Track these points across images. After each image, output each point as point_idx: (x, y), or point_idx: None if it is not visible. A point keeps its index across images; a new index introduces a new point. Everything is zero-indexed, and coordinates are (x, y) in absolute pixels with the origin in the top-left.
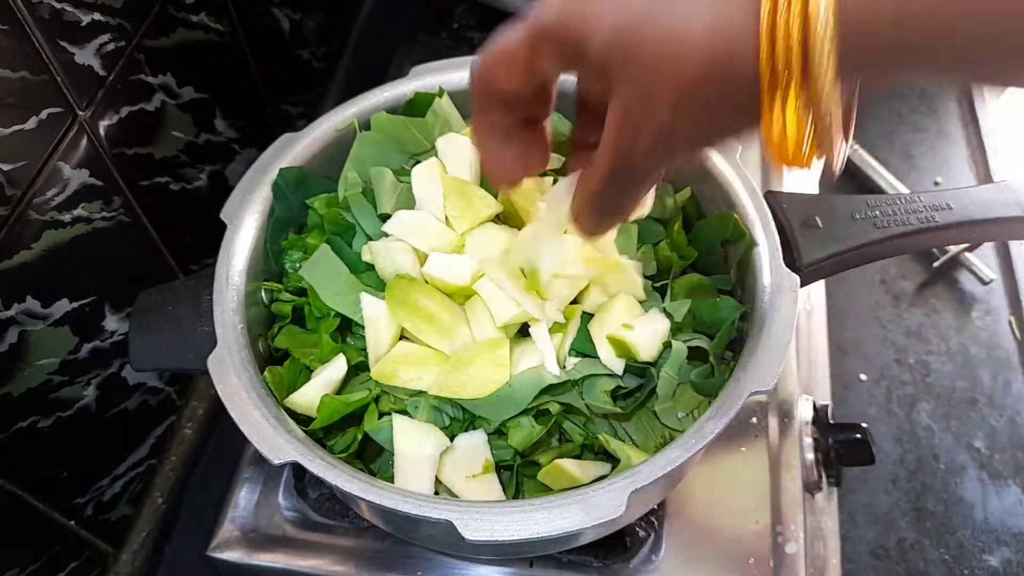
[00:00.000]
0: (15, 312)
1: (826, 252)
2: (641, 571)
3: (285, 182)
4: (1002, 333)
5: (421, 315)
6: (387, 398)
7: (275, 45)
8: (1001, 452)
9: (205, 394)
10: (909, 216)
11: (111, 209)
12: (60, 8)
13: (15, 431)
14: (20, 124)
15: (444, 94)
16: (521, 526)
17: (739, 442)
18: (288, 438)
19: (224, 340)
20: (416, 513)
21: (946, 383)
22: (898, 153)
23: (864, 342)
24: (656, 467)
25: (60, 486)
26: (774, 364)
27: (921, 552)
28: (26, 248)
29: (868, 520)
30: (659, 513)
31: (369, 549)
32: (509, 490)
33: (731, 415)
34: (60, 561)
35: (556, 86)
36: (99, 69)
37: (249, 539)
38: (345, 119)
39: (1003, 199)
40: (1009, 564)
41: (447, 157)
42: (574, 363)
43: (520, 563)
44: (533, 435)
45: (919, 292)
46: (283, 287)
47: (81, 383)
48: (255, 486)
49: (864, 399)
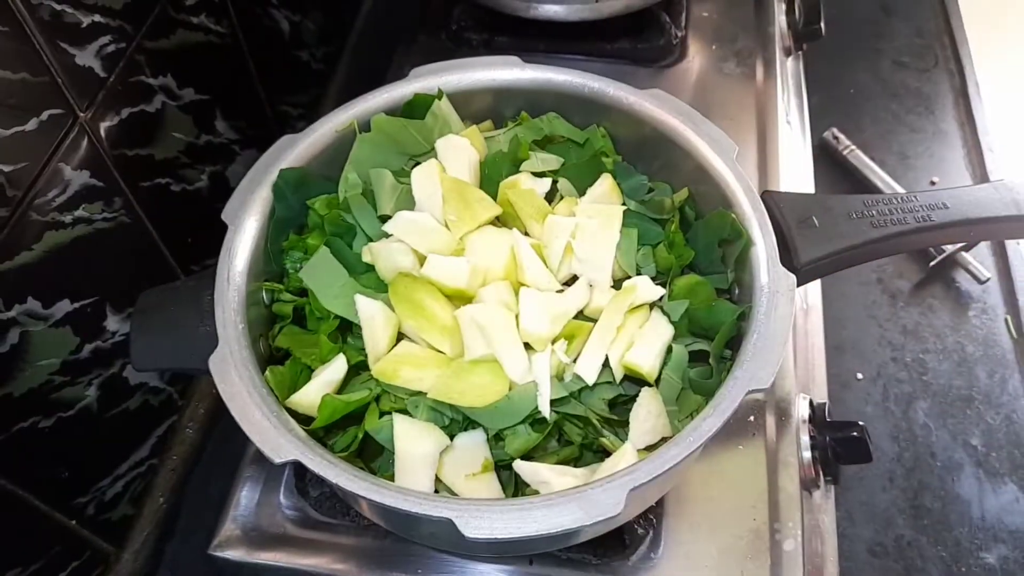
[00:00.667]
0: (16, 313)
1: (823, 251)
2: (640, 568)
3: (285, 183)
4: (998, 331)
5: (424, 314)
6: (387, 397)
7: (275, 46)
8: (998, 450)
9: (206, 394)
10: (906, 215)
11: (112, 210)
12: (60, 10)
13: (16, 431)
14: (21, 125)
15: (444, 96)
16: (521, 524)
17: (737, 440)
18: (289, 437)
19: (225, 340)
20: (416, 511)
21: (943, 381)
22: (895, 153)
23: (861, 341)
24: (654, 465)
25: (61, 486)
26: (771, 363)
27: (918, 549)
28: (27, 249)
29: (865, 518)
30: (657, 511)
31: (370, 547)
32: (508, 488)
33: (729, 414)
34: (62, 560)
35: None
36: (99, 71)
37: (250, 538)
38: (345, 120)
39: (999, 198)
40: (1006, 561)
41: (446, 158)
42: (572, 376)
43: (520, 561)
44: (530, 442)
45: (915, 291)
46: (284, 287)
47: (82, 383)
48: (256, 485)
49: (861, 397)
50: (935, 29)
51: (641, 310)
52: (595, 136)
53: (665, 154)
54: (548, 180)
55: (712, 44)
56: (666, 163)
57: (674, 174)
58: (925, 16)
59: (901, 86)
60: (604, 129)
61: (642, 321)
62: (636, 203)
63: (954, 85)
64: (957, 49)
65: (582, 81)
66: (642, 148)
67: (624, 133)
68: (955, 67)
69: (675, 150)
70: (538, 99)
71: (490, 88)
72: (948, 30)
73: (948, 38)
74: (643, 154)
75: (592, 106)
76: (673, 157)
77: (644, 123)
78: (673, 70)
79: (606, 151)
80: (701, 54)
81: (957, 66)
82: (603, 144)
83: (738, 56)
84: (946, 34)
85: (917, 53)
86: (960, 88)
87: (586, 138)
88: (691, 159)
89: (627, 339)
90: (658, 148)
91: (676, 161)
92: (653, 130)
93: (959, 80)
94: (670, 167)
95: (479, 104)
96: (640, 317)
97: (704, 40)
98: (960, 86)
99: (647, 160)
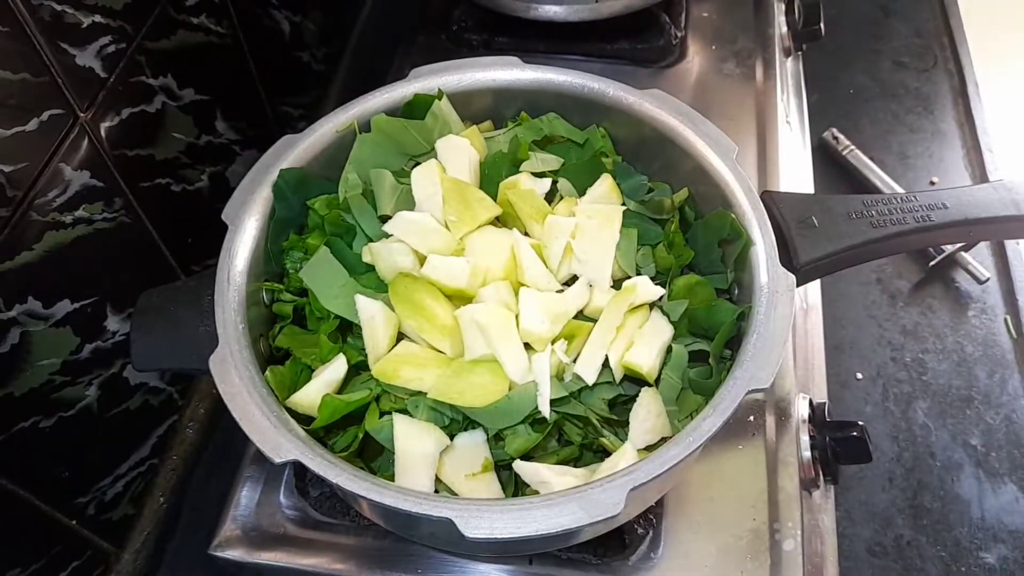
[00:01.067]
0: (17, 313)
1: (822, 251)
2: (640, 568)
3: (286, 183)
4: (998, 331)
5: (424, 314)
6: (388, 397)
7: (275, 47)
8: (997, 450)
9: (206, 394)
10: (905, 215)
11: (112, 210)
12: (61, 10)
13: (17, 431)
14: (21, 126)
15: (444, 96)
16: (521, 524)
17: (737, 440)
18: (289, 437)
19: (225, 340)
20: (417, 511)
21: (942, 381)
22: (894, 153)
23: (860, 341)
24: (654, 465)
25: (62, 486)
26: (771, 363)
27: (918, 550)
28: (27, 249)
29: (865, 518)
30: (657, 511)
31: (370, 547)
32: (508, 488)
33: (728, 413)
34: (62, 560)
35: None
36: (100, 71)
37: (250, 538)
38: (345, 120)
39: (999, 198)
40: (1006, 561)
41: (446, 159)
42: (572, 376)
43: (519, 561)
44: (530, 442)
45: (915, 291)
46: (284, 287)
47: (83, 383)
48: (256, 485)
49: (861, 397)
50: (934, 29)
51: (641, 310)
52: (595, 136)
53: (665, 154)
54: (548, 180)
55: (712, 44)
56: (666, 163)
57: (674, 174)
58: (924, 16)
59: (900, 86)
60: (604, 129)
61: (642, 321)
62: (636, 203)
63: (953, 85)
64: (956, 49)
65: (582, 81)
66: (642, 148)
67: (624, 133)
68: (954, 67)
69: (675, 150)
70: (538, 99)
71: (490, 88)
72: (947, 30)
73: (947, 38)
74: (643, 154)
75: (592, 106)
76: (673, 157)
77: (644, 123)
78: (673, 70)
79: (606, 151)
80: (701, 54)
81: (956, 66)
82: (603, 144)
83: (738, 56)
84: (945, 34)
85: (916, 53)
86: (959, 88)
87: (586, 138)
88: (691, 159)
89: (627, 339)
90: (658, 148)
91: (676, 161)
92: (653, 130)
93: (958, 80)
94: (670, 167)
95: (479, 104)
96: (640, 317)
97: (704, 40)
98: (959, 86)
99: (647, 160)
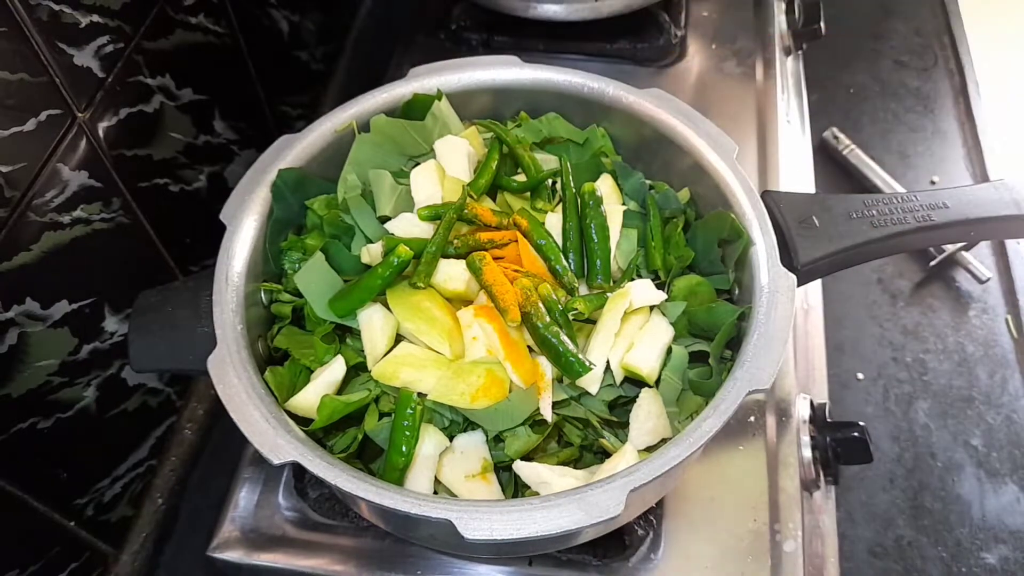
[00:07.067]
0: (15, 313)
1: (823, 251)
2: (640, 569)
3: (284, 183)
4: (999, 331)
5: (423, 316)
6: (387, 399)
7: (274, 46)
8: (998, 450)
9: (205, 395)
10: (906, 215)
11: (110, 210)
12: (59, 10)
13: (15, 432)
14: (19, 126)
15: (443, 97)
16: (520, 525)
17: (737, 441)
18: (288, 438)
19: (224, 341)
20: (416, 512)
21: (943, 381)
22: (894, 152)
23: (861, 341)
24: (654, 466)
25: (60, 487)
26: (771, 363)
27: (919, 550)
28: (25, 250)
29: (866, 518)
30: (658, 511)
31: (369, 549)
32: (508, 489)
33: (729, 414)
34: (60, 562)
35: None
36: (98, 71)
37: (249, 539)
38: (344, 120)
39: (999, 198)
40: (1007, 562)
41: (446, 159)
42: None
43: (519, 562)
44: (530, 444)
45: (916, 291)
46: (282, 288)
47: (81, 384)
48: (255, 486)
49: (861, 398)
50: (935, 28)
51: (641, 312)
52: (595, 136)
53: (665, 154)
54: (547, 181)
55: (712, 44)
56: (666, 163)
57: (674, 174)
58: (925, 16)
59: (901, 85)
60: (604, 129)
61: (642, 322)
62: (636, 203)
63: (954, 84)
64: (957, 48)
65: (582, 81)
66: (642, 148)
67: (624, 133)
68: (955, 66)
69: (675, 150)
70: (538, 99)
71: (490, 88)
72: (948, 29)
73: (948, 37)
74: (643, 154)
75: (592, 106)
76: (673, 157)
77: (644, 123)
78: (673, 70)
79: (606, 151)
80: (701, 54)
81: (957, 65)
82: (603, 144)
83: (738, 56)
84: (946, 33)
85: (917, 52)
86: (960, 87)
87: (586, 138)
88: (691, 159)
89: (627, 341)
90: (658, 148)
91: (676, 161)
92: (653, 130)
93: (959, 79)
94: (670, 167)
95: (479, 104)
96: (640, 318)
97: (704, 40)
98: (960, 85)
99: (647, 160)
